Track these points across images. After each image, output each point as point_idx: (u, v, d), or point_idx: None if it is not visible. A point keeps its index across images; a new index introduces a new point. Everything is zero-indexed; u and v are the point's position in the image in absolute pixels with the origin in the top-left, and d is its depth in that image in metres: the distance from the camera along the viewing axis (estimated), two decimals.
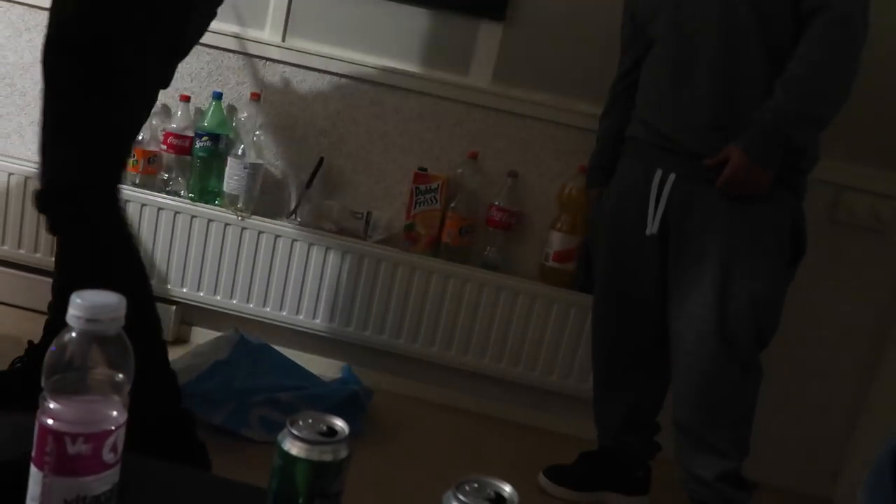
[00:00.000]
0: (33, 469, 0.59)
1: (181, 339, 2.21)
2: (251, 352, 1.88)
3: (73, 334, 0.58)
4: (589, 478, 1.82)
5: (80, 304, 0.57)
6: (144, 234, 2.10)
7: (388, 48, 2.08)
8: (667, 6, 1.61)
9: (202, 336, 2.16)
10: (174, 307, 2.15)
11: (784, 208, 1.57)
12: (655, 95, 1.66)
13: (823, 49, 1.45)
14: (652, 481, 1.84)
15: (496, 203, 2.05)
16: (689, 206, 1.59)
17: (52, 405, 0.58)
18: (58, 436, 0.58)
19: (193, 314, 2.21)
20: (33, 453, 0.59)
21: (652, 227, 1.63)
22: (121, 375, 0.60)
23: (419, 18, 2.06)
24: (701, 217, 1.58)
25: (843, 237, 1.98)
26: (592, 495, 1.81)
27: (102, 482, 0.60)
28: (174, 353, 1.97)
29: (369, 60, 2.08)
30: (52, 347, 0.58)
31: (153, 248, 2.11)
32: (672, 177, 1.60)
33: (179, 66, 2.12)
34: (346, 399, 1.85)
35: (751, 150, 1.49)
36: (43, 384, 0.58)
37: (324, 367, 2.10)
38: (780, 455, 2.08)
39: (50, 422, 0.58)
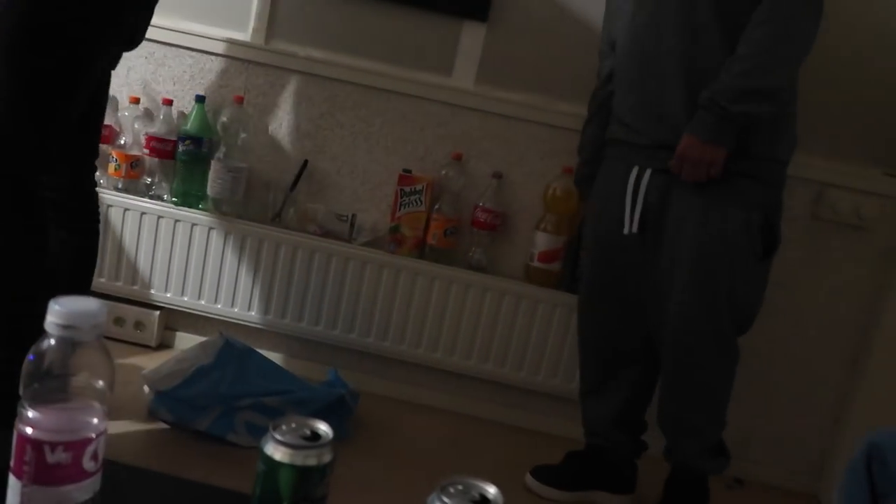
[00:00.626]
0: (12, 479, 0.58)
1: (165, 345, 2.19)
2: (236, 356, 1.87)
3: (52, 341, 0.57)
4: (576, 477, 1.82)
5: (58, 311, 0.57)
6: (127, 238, 2.09)
7: (371, 50, 2.08)
8: (629, 4, 1.64)
9: (186, 341, 2.14)
10: (158, 312, 2.13)
11: (754, 202, 1.58)
12: (623, 93, 1.68)
13: (763, 27, 1.48)
14: (638, 479, 1.85)
15: (481, 204, 2.05)
16: (664, 203, 1.61)
17: (30, 414, 0.57)
18: (37, 444, 0.57)
19: (177, 319, 2.19)
20: (12, 463, 0.58)
21: (630, 227, 1.63)
22: (101, 382, 0.59)
23: (402, 20, 2.05)
24: (675, 214, 1.60)
25: (826, 234, 2.00)
26: (580, 495, 1.82)
27: (83, 491, 0.59)
28: (158, 359, 1.97)
29: (353, 62, 2.08)
30: (30, 355, 0.58)
31: (136, 253, 2.10)
32: (648, 172, 1.61)
33: (162, 70, 2.13)
34: (333, 402, 1.84)
35: (696, 129, 1.52)
36: (21, 392, 0.58)
37: (310, 371, 2.10)
38: (765, 451, 2.09)
39: (29, 430, 0.57)
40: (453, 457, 1.94)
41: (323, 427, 0.64)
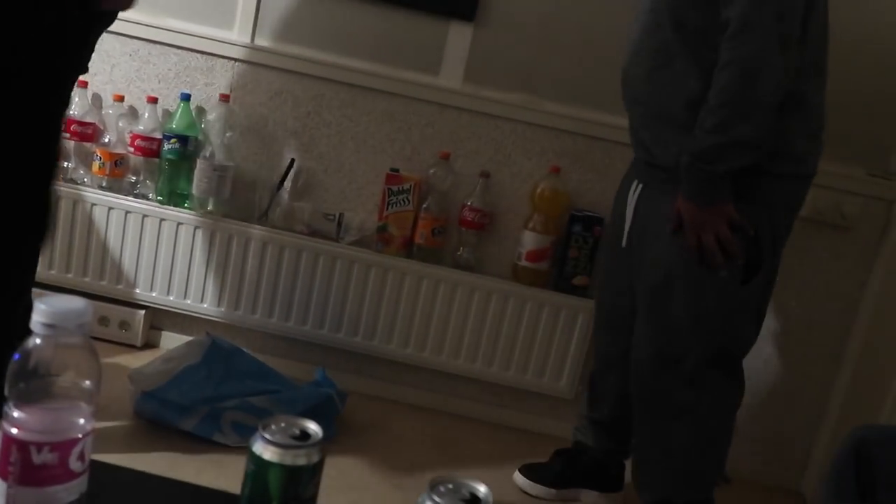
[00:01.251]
0: None
1: (150, 345, 2.18)
2: (223, 356, 1.86)
3: (38, 341, 0.57)
4: (563, 475, 1.83)
5: (44, 310, 0.56)
6: (112, 237, 2.07)
7: (358, 49, 2.07)
8: (633, 22, 1.62)
9: (172, 341, 2.13)
10: (143, 312, 2.12)
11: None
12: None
13: (727, 70, 1.37)
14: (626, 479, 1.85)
15: (468, 203, 2.05)
16: (646, 217, 1.58)
17: (16, 414, 0.56)
18: (22, 445, 0.56)
19: (163, 319, 2.17)
20: None
21: (624, 239, 1.64)
22: (87, 382, 0.59)
23: (389, 19, 2.05)
24: (651, 229, 1.55)
25: (808, 233, 2.01)
26: (567, 492, 1.82)
27: (69, 492, 0.58)
28: (143, 359, 1.95)
29: (339, 61, 2.07)
30: (16, 355, 0.57)
31: (121, 252, 2.08)
32: (640, 187, 1.60)
33: (147, 67, 2.11)
34: (321, 402, 1.84)
35: (690, 196, 1.44)
36: (7, 392, 0.57)
37: (297, 371, 2.09)
38: (749, 448, 2.10)
39: (14, 431, 0.56)
40: (441, 456, 1.93)
41: (312, 426, 0.64)
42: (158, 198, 2.07)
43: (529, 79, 2.05)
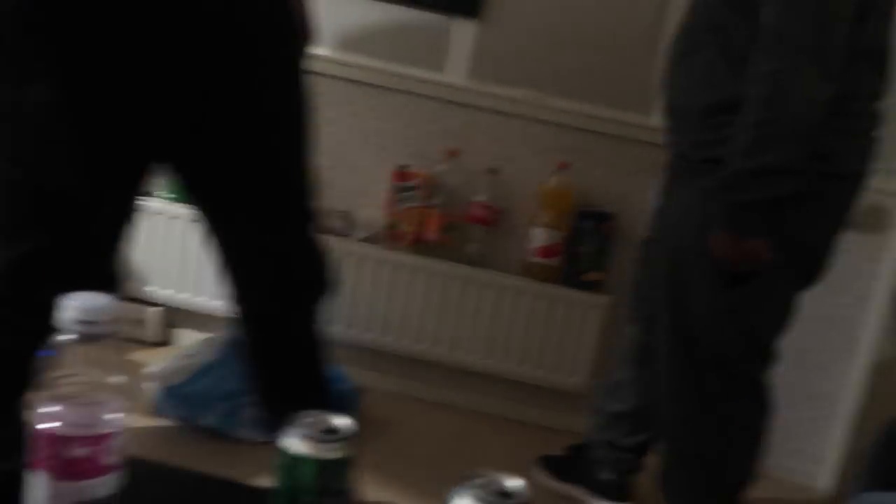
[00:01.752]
0: (33, 475, 0.58)
1: (166, 342, 2.18)
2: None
3: (68, 337, 0.57)
4: (568, 469, 1.81)
5: (75, 307, 0.57)
6: None
7: (361, 45, 2.07)
8: None
9: (187, 338, 2.14)
10: (158, 309, 2.13)
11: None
12: None
13: (756, 87, 1.23)
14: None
15: (477, 199, 2.05)
16: (659, 207, 1.55)
17: (51, 409, 0.57)
18: (57, 440, 0.57)
19: (178, 316, 2.18)
20: (33, 459, 0.58)
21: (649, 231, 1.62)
22: (117, 378, 0.59)
23: (392, 15, 2.04)
24: (660, 221, 1.51)
25: None
26: (569, 488, 1.81)
27: (104, 485, 0.59)
28: (159, 356, 1.96)
29: (342, 57, 2.07)
30: (48, 351, 0.58)
31: (134, 250, 2.08)
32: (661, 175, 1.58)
33: None
34: (335, 398, 1.84)
35: (723, 224, 1.31)
36: (41, 388, 0.58)
37: None
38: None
39: (49, 426, 0.57)
40: (456, 452, 1.94)
41: (342, 420, 0.64)
42: (170, 195, 2.08)
43: (535, 74, 2.04)
